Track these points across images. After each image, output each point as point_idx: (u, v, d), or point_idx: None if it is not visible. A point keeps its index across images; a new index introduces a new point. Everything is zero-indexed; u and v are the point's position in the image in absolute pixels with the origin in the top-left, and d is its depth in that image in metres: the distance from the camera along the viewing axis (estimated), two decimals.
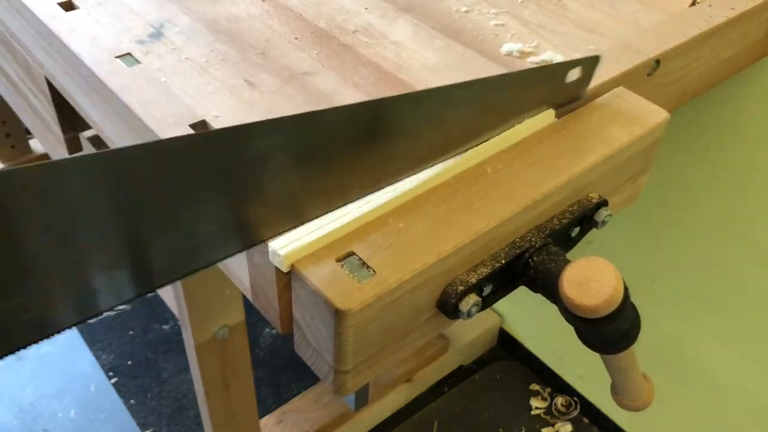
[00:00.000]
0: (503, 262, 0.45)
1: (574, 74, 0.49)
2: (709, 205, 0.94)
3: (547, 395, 1.36)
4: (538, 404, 1.35)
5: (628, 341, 0.46)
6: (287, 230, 0.39)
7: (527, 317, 1.38)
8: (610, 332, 0.44)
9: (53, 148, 0.80)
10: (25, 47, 0.66)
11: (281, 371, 1.39)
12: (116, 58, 0.54)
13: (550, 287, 0.44)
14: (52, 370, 1.36)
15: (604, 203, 0.50)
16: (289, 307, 0.43)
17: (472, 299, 0.43)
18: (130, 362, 1.39)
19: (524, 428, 1.31)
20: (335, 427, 1.24)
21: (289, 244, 0.40)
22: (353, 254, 0.41)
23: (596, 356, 0.48)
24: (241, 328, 0.87)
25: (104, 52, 0.55)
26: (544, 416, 1.33)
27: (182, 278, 0.36)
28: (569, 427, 1.32)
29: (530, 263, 0.46)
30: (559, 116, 0.51)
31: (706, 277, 1.00)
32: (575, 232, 0.49)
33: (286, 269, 0.40)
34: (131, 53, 0.55)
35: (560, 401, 1.35)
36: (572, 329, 0.45)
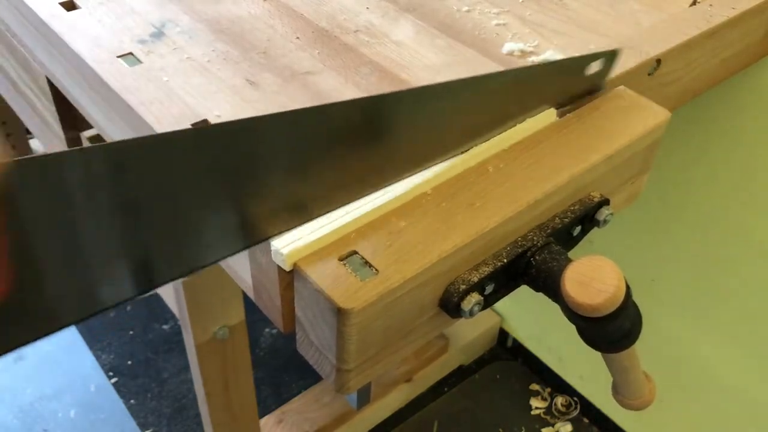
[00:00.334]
0: (505, 261, 0.45)
1: (594, 67, 0.50)
2: (709, 204, 0.94)
3: (547, 395, 1.36)
4: (538, 404, 1.35)
5: (629, 340, 0.46)
6: (290, 228, 0.39)
7: (527, 317, 1.38)
8: (611, 331, 0.44)
9: (54, 148, 0.80)
10: (26, 47, 0.66)
11: (281, 371, 1.39)
12: (118, 57, 0.54)
13: (551, 286, 0.44)
14: (52, 370, 1.36)
15: (605, 202, 0.50)
16: (291, 306, 0.43)
17: (474, 298, 0.43)
18: (130, 362, 1.39)
19: (524, 428, 1.31)
20: (335, 427, 1.25)
21: (291, 243, 0.40)
22: (356, 253, 0.41)
23: (596, 356, 0.48)
24: (241, 328, 0.87)
25: (106, 51, 0.55)
26: (544, 416, 1.33)
27: (185, 276, 0.36)
28: (569, 427, 1.32)
29: (532, 262, 0.46)
30: (560, 115, 0.51)
31: (706, 276, 1.00)
32: (577, 231, 0.49)
33: (288, 268, 0.40)
34: (133, 53, 0.55)
35: (560, 401, 1.35)
36: (572, 329, 0.45)
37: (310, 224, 0.41)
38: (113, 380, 1.36)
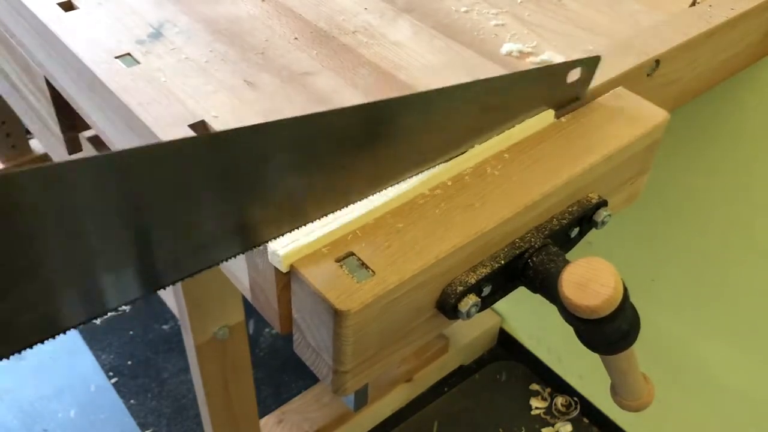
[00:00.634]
0: (503, 262, 0.45)
1: (574, 74, 0.49)
2: (709, 205, 0.94)
3: (547, 395, 1.36)
4: (538, 404, 1.35)
5: (627, 342, 0.46)
6: (289, 232, 0.39)
7: (527, 317, 1.38)
8: (609, 333, 0.44)
9: (53, 148, 0.80)
10: (24, 47, 0.66)
11: (281, 371, 1.39)
12: (116, 58, 0.54)
13: (549, 288, 0.44)
14: (52, 370, 1.36)
15: (603, 203, 0.50)
16: (288, 307, 0.43)
17: (471, 300, 0.43)
18: (130, 362, 1.39)
19: (524, 428, 1.31)
20: (335, 427, 1.24)
21: (288, 244, 0.40)
22: (353, 255, 0.41)
23: (596, 356, 0.48)
24: (241, 328, 0.87)
25: (104, 52, 0.55)
26: (544, 416, 1.33)
27: (186, 278, 0.36)
28: (569, 427, 1.32)
29: (530, 264, 0.46)
30: (558, 116, 0.51)
31: (706, 276, 1.00)
32: (575, 232, 0.49)
33: (285, 269, 0.40)
34: (131, 53, 0.55)
35: (560, 401, 1.35)
36: (572, 329, 0.45)
37: (307, 226, 0.41)
38: (113, 380, 1.36)
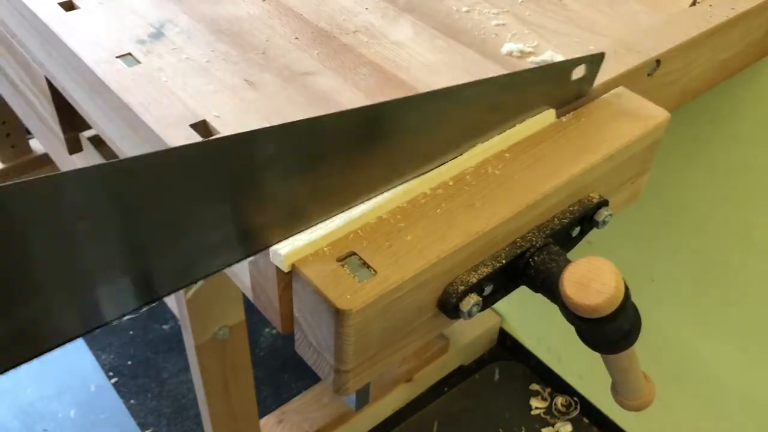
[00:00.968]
0: (504, 262, 0.45)
1: (578, 72, 0.50)
2: (709, 204, 0.94)
3: (547, 395, 1.36)
4: (538, 404, 1.35)
5: (628, 341, 0.46)
6: (291, 235, 0.39)
7: (527, 317, 1.38)
8: (610, 332, 0.44)
9: (53, 148, 0.80)
10: (25, 47, 0.66)
11: (281, 371, 1.39)
12: (117, 58, 0.54)
13: (550, 287, 0.44)
14: (52, 370, 1.36)
15: (604, 203, 0.50)
16: (289, 306, 0.43)
17: (472, 299, 0.43)
18: (130, 362, 1.39)
19: (524, 428, 1.31)
20: (335, 427, 1.24)
21: (289, 243, 0.40)
22: (354, 254, 0.41)
23: (596, 356, 0.48)
24: (241, 328, 0.87)
25: (105, 52, 0.55)
26: (544, 416, 1.33)
27: (187, 286, 0.36)
28: (569, 427, 1.32)
29: (531, 263, 0.46)
30: (560, 116, 0.51)
31: (705, 276, 1.00)
32: (576, 232, 0.49)
33: (286, 269, 0.40)
34: (132, 53, 0.55)
35: (560, 401, 1.35)
36: (572, 329, 0.45)
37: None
38: (113, 380, 1.36)
